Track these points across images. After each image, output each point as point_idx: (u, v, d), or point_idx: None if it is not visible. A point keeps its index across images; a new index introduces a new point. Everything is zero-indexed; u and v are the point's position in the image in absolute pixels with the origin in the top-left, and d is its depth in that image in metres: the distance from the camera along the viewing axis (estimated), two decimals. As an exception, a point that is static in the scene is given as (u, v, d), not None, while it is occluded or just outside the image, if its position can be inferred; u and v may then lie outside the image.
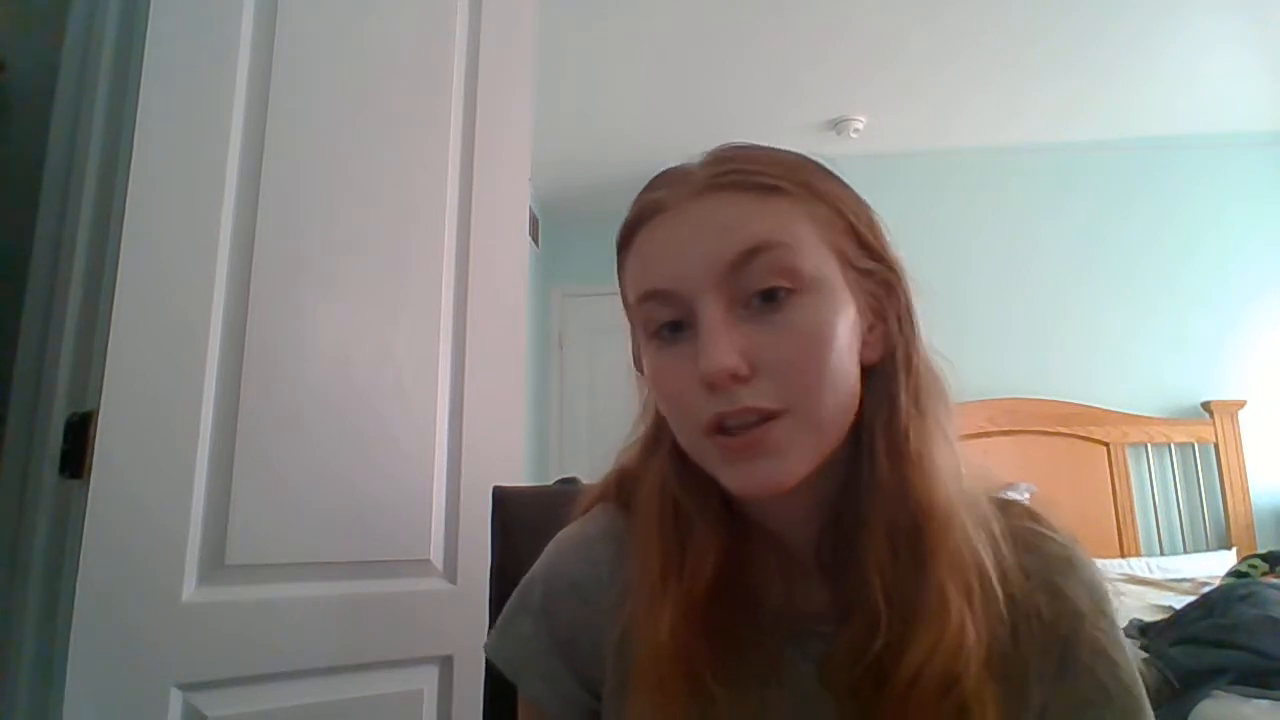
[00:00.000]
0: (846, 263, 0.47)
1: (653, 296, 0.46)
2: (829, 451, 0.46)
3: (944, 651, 0.42)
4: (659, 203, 0.48)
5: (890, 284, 0.49)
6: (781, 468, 0.43)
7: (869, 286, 0.48)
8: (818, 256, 0.45)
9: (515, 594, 0.56)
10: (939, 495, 0.45)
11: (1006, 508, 0.50)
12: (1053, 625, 0.46)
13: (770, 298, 0.44)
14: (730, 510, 0.51)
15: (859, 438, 0.48)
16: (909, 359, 0.48)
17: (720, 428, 0.43)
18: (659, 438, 0.54)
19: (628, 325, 0.53)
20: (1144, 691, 0.46)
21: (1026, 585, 0.46)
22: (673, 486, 0.51)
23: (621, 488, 0.56)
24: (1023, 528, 0.49)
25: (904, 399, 0.47)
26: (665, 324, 0.46)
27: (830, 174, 0.50)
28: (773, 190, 0.46)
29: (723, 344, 0.42)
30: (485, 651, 0.56)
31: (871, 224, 0.49)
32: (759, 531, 0.51)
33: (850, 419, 0.46)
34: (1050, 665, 0.46)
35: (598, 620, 0.52)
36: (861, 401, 0.47)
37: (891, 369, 0.48)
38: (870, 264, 0.48)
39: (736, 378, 0.42)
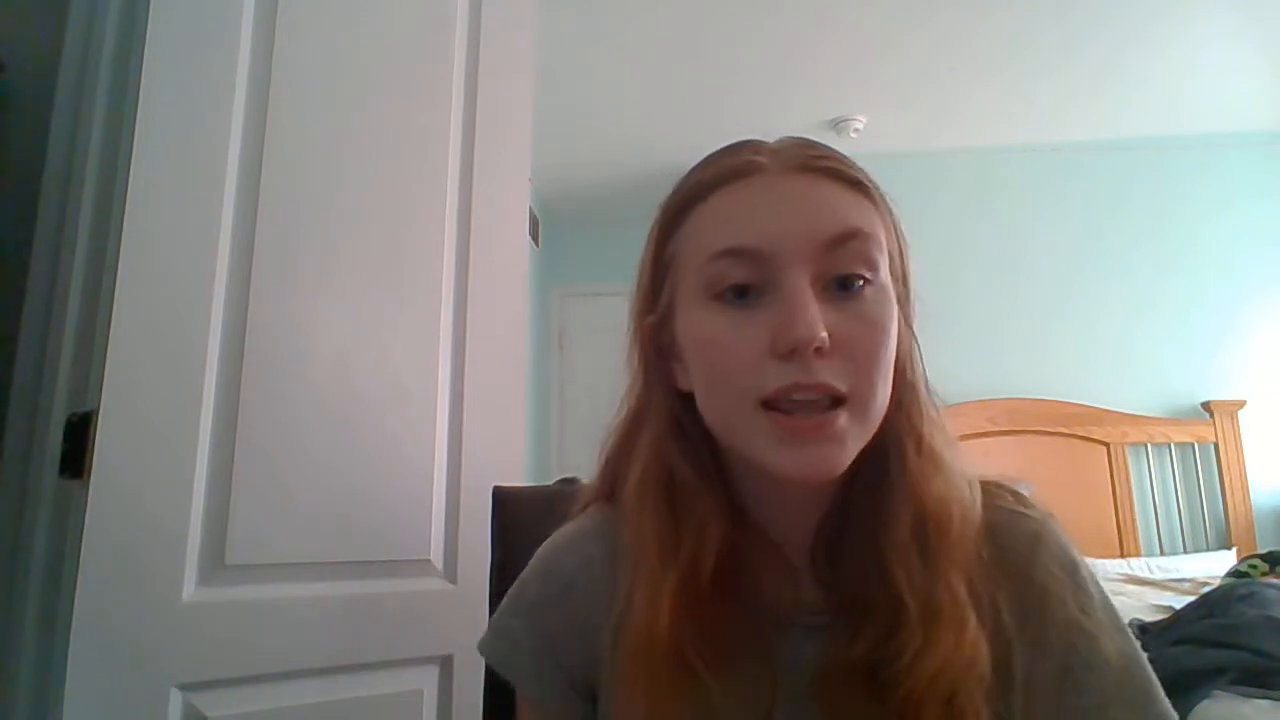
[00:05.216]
0: (891, 274, 0.48)
1: (735, 254, 0.45)
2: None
3: (960, 658, 0.42)
4: (754, 165, 0.47)
5: (902, 305, 0.51)
6: (839, 456, 0.43)
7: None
8: (885, 259, 0.47)
9: (510, 592, 0.57)
10: (954, 493, 0.47)
11: (989, 489, 0.52)
12: (1023, 601, 0.47)
13: (846, 285, 0.45)
14: (727, 495, 0.51)
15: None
16: (915, 366, 0.51)
17: (776, 403, 0.43)
18: (645, 413, 0.53)
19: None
20: (1130, 659, 0.45)
21: (1001, 565, 0.48)
22: (670, 458, 0.50)
23: (612, 484, 0.56)
24: (1000, 508, 0.51)
25: (921, 402, 0.50)
26: (731, 286, 0.45)
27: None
28: (862, 188, 0.48)
29: (814, 312, 0.43)
30: (478, 649, 0.57)
31: (906, 246, 0.52)
32: (750, 522, 0.51)
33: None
34: (1027, 636, 0.47)
35: (591, 620, 0.52)
36: None
37: (906, 376, 0.49)
38: (900, 285, 0.50)
39: (819, 350, 0.42)
